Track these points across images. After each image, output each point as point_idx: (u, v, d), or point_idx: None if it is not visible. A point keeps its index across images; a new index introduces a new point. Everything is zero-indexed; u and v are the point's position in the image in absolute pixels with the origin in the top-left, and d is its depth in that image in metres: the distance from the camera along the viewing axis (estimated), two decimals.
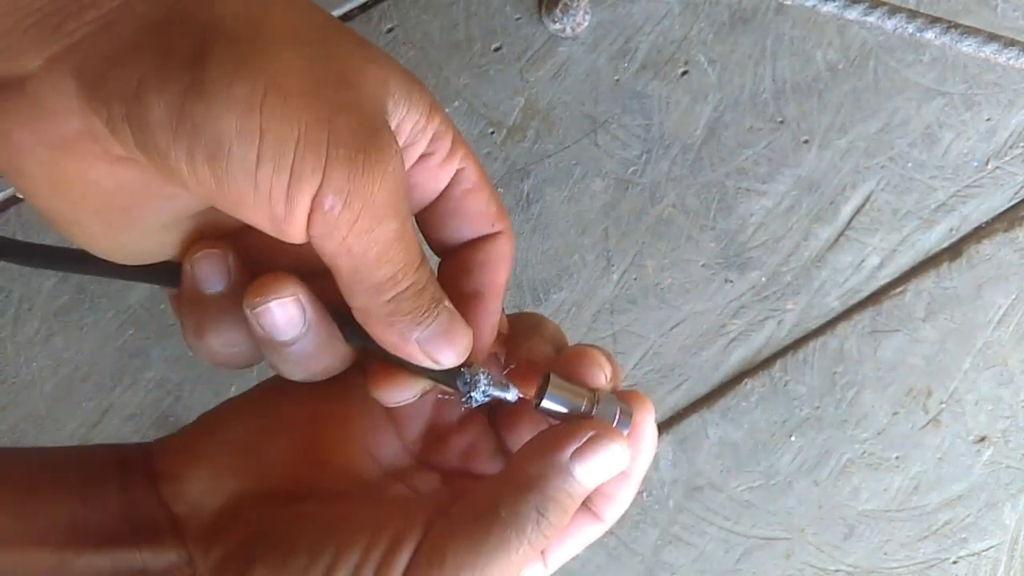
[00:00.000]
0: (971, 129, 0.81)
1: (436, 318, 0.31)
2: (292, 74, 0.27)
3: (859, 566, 0.79)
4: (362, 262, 0.29)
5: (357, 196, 0.27)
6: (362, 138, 0.27)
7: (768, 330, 0.79)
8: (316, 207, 0.27)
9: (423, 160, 0.32)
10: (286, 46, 0.27)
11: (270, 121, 0.26)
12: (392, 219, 0.28)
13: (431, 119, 0.31)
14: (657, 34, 0.81)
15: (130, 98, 0.26)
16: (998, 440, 0.80)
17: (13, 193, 0.76)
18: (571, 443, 0.31)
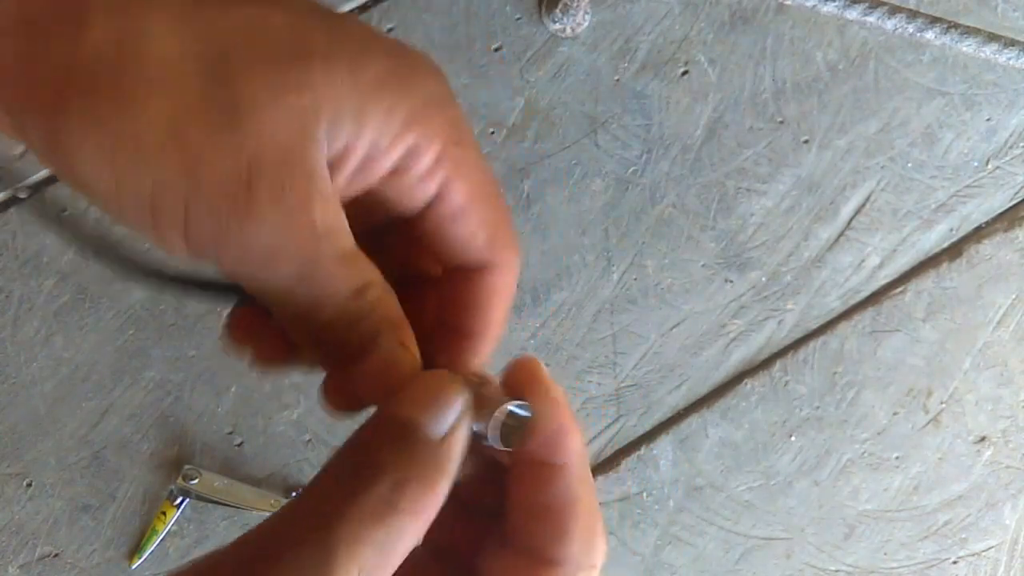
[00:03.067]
0: (971, 129, 0.81)
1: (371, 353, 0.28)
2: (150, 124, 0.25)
3: (859, 566, 0.79)
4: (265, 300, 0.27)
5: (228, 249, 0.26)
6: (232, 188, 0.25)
7: (768, 330, 0.79)
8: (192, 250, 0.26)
9: (395, 174, 0.29)
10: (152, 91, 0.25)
11: (123, 175, 0.25)
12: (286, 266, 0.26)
13: (408, 129, 0.28)
14: (657, 34, 0.81)
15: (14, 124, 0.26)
16: (998, 440, 0.80)
17: (13, 193, 0.76)
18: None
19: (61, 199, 0.76)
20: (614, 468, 0.78)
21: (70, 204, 0.76)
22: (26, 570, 0.75)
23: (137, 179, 0.25)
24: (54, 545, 0.75)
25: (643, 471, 0.78)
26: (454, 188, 0.29)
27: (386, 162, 0.28)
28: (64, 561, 0.75)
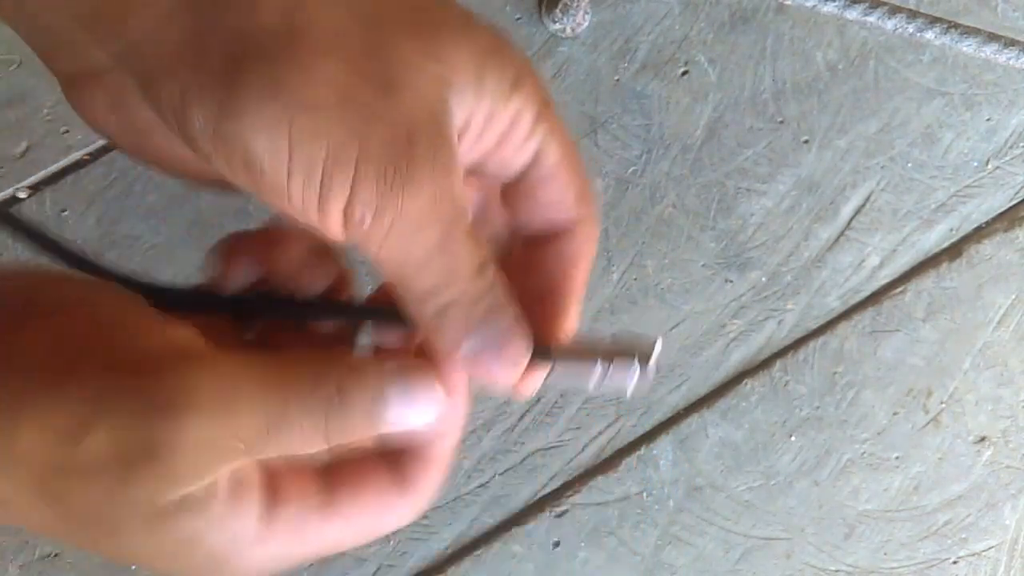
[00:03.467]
0: (971, 129, 0.81)
1: (488, 330, 0.30)
2: (326, 87, 0.27)
3: (859, 566, 0.79)
4: (403, 271, 0.28)
5: (386, 210, 0.27)
6: (396, 151, 0.27)
7: (768, 330, 0.79)
8: (348, 218, 0.27)
9: (501, 143, 0.31)
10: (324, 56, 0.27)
11: (299, 140, 0.26)
12: (430, 229, 0.28)
13: (511, 99, 0.30)
14: (657, 34, 0.81)
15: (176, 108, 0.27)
16: (998, 440, 0.80)
17: (13, 193, 0.76)
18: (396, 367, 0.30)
19: (60, 199, 0.76)
20: (614, 468, 0.78)
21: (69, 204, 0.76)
22: (26, 570, 0.75)
23: (314, 142, 0.26)
24: (54, 545, 0.75)
25: (643, 471, 0.78)
26: (549, 149, 0.31)
27: (496, 131, 0.30)
28: (64, 561, 0.75)
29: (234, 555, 0.28)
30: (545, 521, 0.77)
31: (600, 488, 0.78)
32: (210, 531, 0.27)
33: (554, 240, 0.32)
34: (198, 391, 0.27)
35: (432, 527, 0.77)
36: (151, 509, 0.26)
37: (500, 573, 0.77)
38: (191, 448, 0.26)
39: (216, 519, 0.27)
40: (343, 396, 0.29)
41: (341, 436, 0.29)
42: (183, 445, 0.26)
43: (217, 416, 0.27)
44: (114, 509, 0.26)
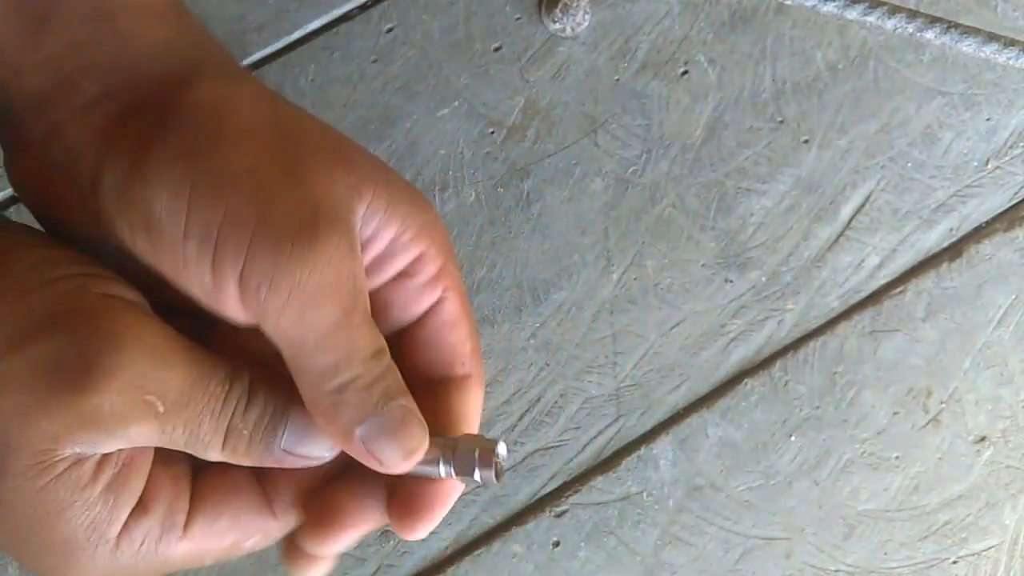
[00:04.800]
0: (971, 129, 0.81)
1: (385, 414, 0.29)
2: (233, 162, 0.27)
3: (859, 566, 0.79)
4: (300, 349, 0.28)
5: (283, 281, 0.27)
6: (295, 223, 0.27)
7: (768, 330, 0.80)
8: (244, 289, 0.27)
9: (402, 278, 0.32)
10: (240, 136, 0.28)
11: (198, 202, 0.27)
12: (330, 307, 0.28)
13: (419, 238, 0.31)
14: (657, 34, 0.81)
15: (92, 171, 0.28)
16: (998, 440, 0.80)
17: (12, 193, 0.76)
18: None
19: None
20: (614, 468, 0.78)
21: None
22: (26, 570, 0.75)
23: (212, 205, 0.27)
24: None
25: (643, 471, 0.78)
26: (452, 298, 0.32)
27: (399, 262, 0.31)
28: None
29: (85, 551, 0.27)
30: (545, 521, 0.77)
31: (600, 488, 0.78)
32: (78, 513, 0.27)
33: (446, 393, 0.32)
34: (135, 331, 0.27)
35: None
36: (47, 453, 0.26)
37: (500, 573, 0.77)
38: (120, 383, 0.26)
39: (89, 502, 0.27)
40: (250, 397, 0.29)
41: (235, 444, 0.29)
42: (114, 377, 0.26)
43: (149, 359, 0.27)
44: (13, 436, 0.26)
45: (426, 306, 0.32)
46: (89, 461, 0.27)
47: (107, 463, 0.27)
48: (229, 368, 0.29)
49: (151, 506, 0.28)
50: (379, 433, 0.29)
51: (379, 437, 0.29)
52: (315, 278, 0.27)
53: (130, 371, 0.26)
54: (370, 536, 0.77)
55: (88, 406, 0.26)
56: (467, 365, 0.32)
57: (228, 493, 0.30)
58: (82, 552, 0.27)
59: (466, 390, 0.32)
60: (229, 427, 0.28)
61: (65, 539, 0.27)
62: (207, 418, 0.28)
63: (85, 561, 0.27)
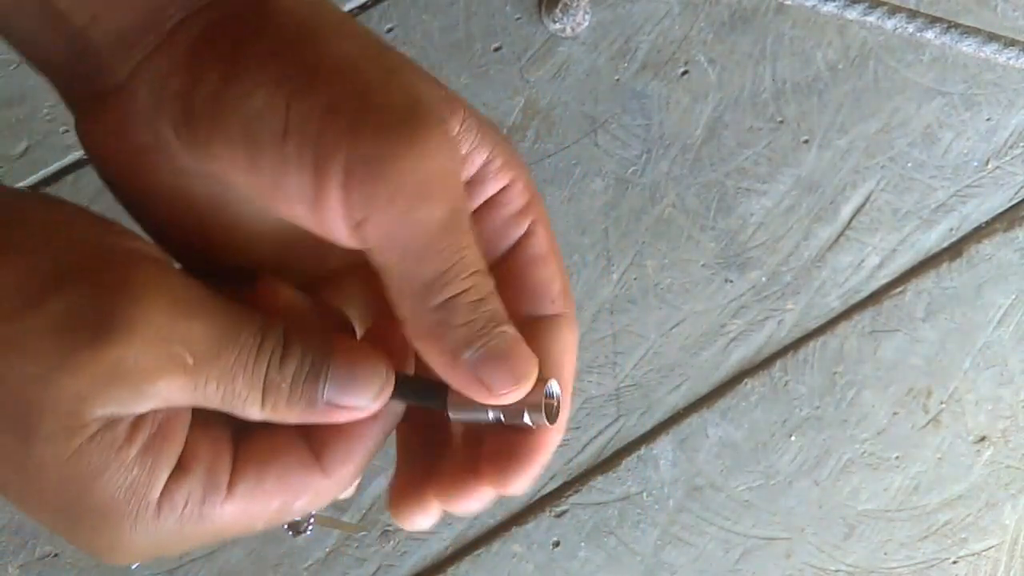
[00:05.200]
0: (971, 129, 0.81)
1: (495, 337, 0.27)
2: (331, 55, 0.26)
3: (859, 566, 0.79)
4: (406, 253, 0.26)
5: (389, 169, 0.25)
6: (399, 110, 0.25)
7: (768, 330, 0.80)
8: (348, 182, 0.25)
9: (491, 206, 0.30)
10: (336, 30, 0.27)
11: (298, 94, 0.25)
12: (438, 203, 0.26)
13: (508, 167, 0.29)
14: (657, 34, 0.81)
15: (183, 92, 0.26)
16: (998, 440, 0.80)
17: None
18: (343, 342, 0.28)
19: None
20: (614, 468, 0.78)
21: None
22: (26, 570, 0.75)
23: (311, 97, 0.25)
24: (54, 545, 0.75)
25: (643, 471, 0.78)
26: (540, 232, 0.30)
27: (490, 187, 0.29)
28: (64, 561, 0.75)
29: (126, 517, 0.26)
30: (545, 521, 0.77)
31: (600, 488, 0.78)
32: (116, 476, 0.25)
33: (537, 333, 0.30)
34: (157, 283, 0.25)
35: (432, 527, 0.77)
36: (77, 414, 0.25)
37: (500, 573, 0.77)
38: (143, 336, 0.24)
39: (126, 464, 0.25)
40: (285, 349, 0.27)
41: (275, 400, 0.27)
42: (136, 330, 0.24)
43: (173, 311, 0.25)
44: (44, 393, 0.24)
45: (515, 238, 0.30)
46: (123, 423, 0.25)
47: (142, 424, 0.26)
48: (261, 319, 0.27)
49: (191, 467, 0.27)
50: (490, 357, 0.27)
51: (490, 362, 0.27)
52: (421, 168, 0.25)
53: (154, 322, 0.25)
54: (370, 536, 0.77)
55: (112, 360, 0.24)
56: (558, 303, 0.30)
57: (274, 452, 0.28)
58: (123, 519, 0.26)
59: (558, 329, 0.30)
60: (266, 381, 0.27)
61: (104, 505, 0.25)
62: (240, 372, 0.26)
63: (128, 528, 0.26)
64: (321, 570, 0.76)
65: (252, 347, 0.26)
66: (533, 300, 0.30)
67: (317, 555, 0.76)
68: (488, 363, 0.27)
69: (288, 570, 0.76)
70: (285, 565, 0.76)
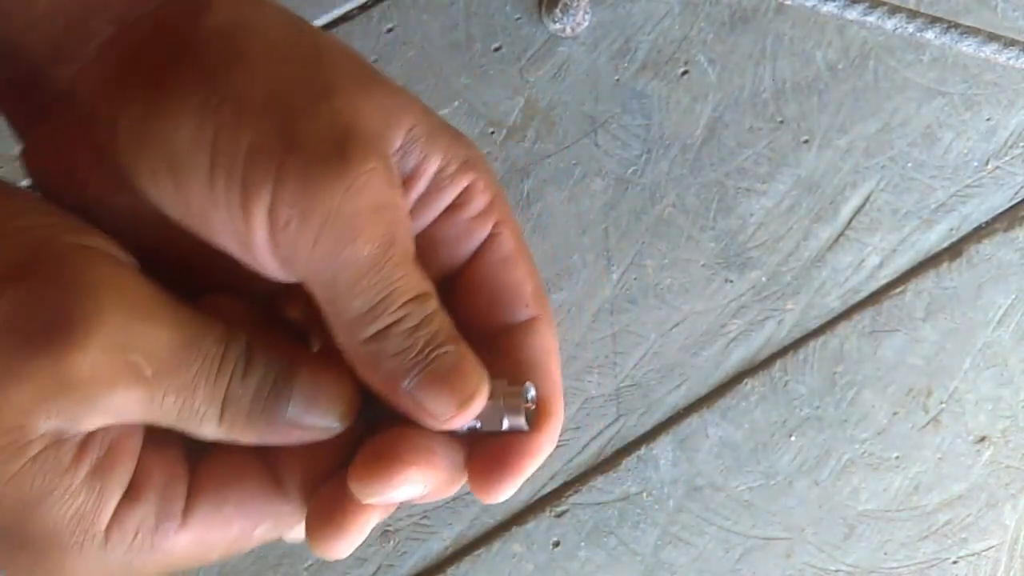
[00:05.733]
0: (971, 129, 0.81)
1: (434, 362, 0.26)
2: (259, 84, 0.25)
3: (859, 566, 0.79)
4: (333, 291, 0.25)
5: (315, 210, 0.24)
6: (327, 147, 0.25)
7: (768, 330, 0.79)
8: (273, 222, 0.24)
9: (451, 212, 0.29)
10: (262, 60, 0.26)
11: (223, 129, 0.24)
12: (365, 240, 0.25)
13: (464, 170, 0.28)
14: (657, 34, 0.81)
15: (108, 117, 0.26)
16: (998, 440, 0.80)
17: None
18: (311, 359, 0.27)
19: None
20: (614, 468, 0.78)
21: None
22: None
23: (238, 132, 0.24)
24: None
25: (643, 471, 0.78)
26: (505, 234, 0.29)
27: (447, 195, 0.28)
28: None
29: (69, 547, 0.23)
30: (545, 521, 0.77)
31: (600, 488, 0.78)
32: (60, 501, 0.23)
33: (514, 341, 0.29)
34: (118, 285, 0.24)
35: (432, 527, 0.77)
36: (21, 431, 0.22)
37: (500, 573, 0.77)
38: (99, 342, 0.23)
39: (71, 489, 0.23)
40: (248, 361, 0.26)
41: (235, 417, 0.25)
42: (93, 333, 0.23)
43: (133, 315, 0.23)
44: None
45: (478, 242, 0.29)
46: (69, 442, 0.23)
47: (90, 444, 0.24)
48: (224, 329, 0.26)
49: (143, 492, 0.25)
50: (429, 383, 0.26)
51: (429, 387, 0.26)
52: (349, 205, 0.24)
53: (111, 326, 0.23)
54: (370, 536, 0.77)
55: (65, 367, 0.22)
56: (532, 306, 0.29)
57: (231, 476, 0.26)
58: (67, 549, 0.24)
59: (535, 333, 0.29)
60: (227, 395, 0.25)
61: (45, 534, 0.23)
62: (201, 384, 0.25)
63: (71, 559, 0.24)
64: (321, 570, 0.76)
65: (215, 358, 0.25)
66: (505, 306, 0.29)
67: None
68: (427, 390, 0.26)
69: (288, 570, 0.76)
70: (285, 565, 0.76)
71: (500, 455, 0.27)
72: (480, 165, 0.29)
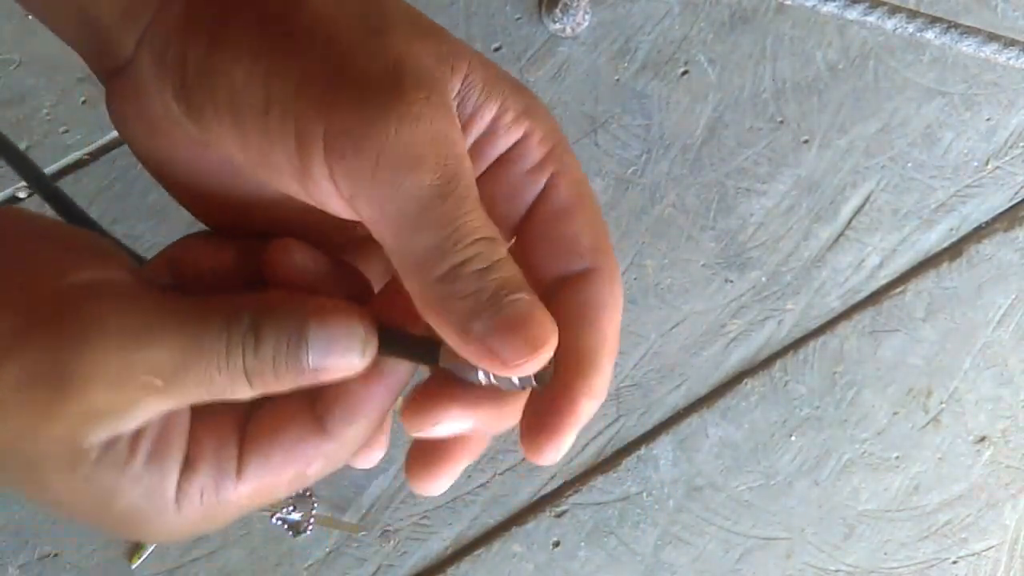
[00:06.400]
0: (971, 129, 0.81)
1: (505, 307, 0.25)
2: (313, 22, 0.25)
3: (859, 566, 0.79)
4: (400, 225, 0.25)
5: (369, 140, 0.24)
6: (377, 79, 0.24)
7: (768, 330, 0.79)
8: (329, 157, 0.24)
9: (506, 162, 0.28)
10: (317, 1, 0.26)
11: (276, 67, 0.25)
12: (427, 171, 0.24)
13: (522, 119, 0.28)
14: (657, 34, 0.81)
15: (176, 68, 0.26)
16: (998, 440, 0.80)
17: (13, 193, 0.76)
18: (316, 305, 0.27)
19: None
20: (614, 468, 0.78)
21: None
22: (26, 570, 0.75)
23: (288, 67, 0.25)
24: (54, 545, 0.75)
25: (643, 471, 0.78)
26: (562, 185, 0.28)
27: (501, 143, 0.28)
28: (64, 561, 0.75)
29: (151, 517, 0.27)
30: (545, 521, 0.77)
31: (600, 488, 0.78)
32: (129, 488, 0.26)
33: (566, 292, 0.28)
34: (108, 322, 0.25)
35: (432, 527, 0.77)
36: (73, 448, 0.25)
37: (500, 573, 0.77)
38: (104, 379, 0.25)
39: (135, 477, 0.26)
40: (257, 334, 0.26)
41: (263, 380, 0.27)
42: (95, 375, 0.25)
43: (127, 346, 0.25)
44: (35, 445, 0.25)
45: (533, 195, 0.28)
46: (122, 440, 0.26)
47: (141, 435, 0.26)
48: (225, 313, 0.26)
49: (198, 461, 0.27)
50: (502, 328, 0.25)
51: (502, 332, 0.25)
52: (404, 136, 0.24)
53: (111, 363, 0.25)
54: (370, 536, 0.77)
55: (80, 409, 0.25)
56: (587, 257, 0.28)
57: (277, 426, 0.28)
58: (149, 519, 0.27)
59: (588, 285, 0.28)
60: (246, 369, 0.26)
61: (127, 514, 0.27)
62: (216, 373, 0.26)
63: (156, 526, 0.27)
64: (321, 570, 0.76)
65: (219, 350, 0.26)
66: (561, 257, 0.28)
67: (317, 555, 0.76)
68: (499, 334, 0.25)
69: (288, 570, 0.76)
70: (285, 565, 0.76)
71: (542, 415, 0.27)
72: (539, 114, 0.28)
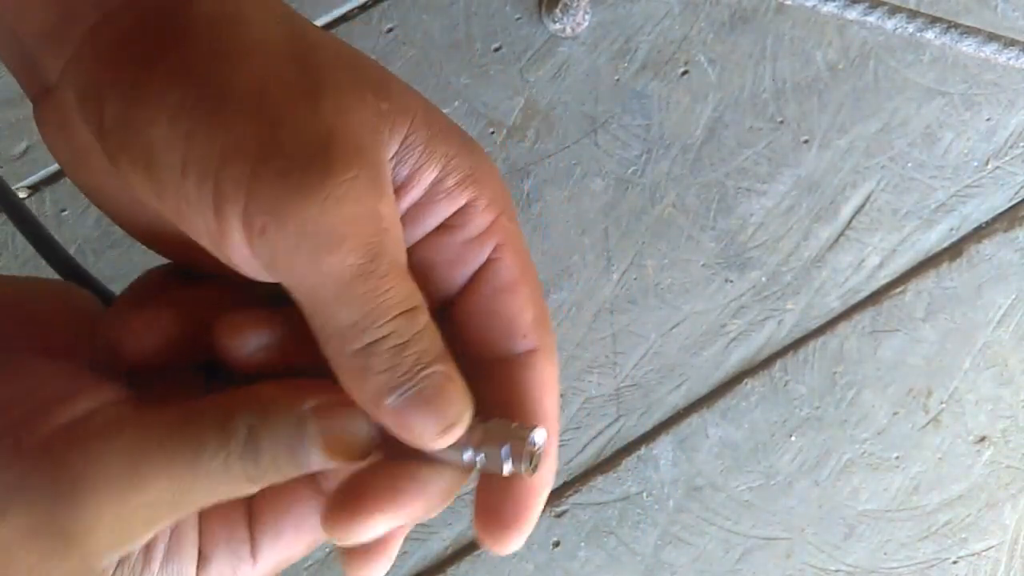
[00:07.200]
0: (971, 129, 0.81)
1: (420, 381, 0.25)
2: (241, 82, 0.24)
3: (859, 566, 0.79)
4: (317, 302, 0.24)
5: (290, 219, 0.23)
6: (307, 153, 0.23)
7: (768, 330, 0.80)
8: (248, 228, 0.24)
9: (445, 232, 0.27)
10: (247, 56, 0.25)
11: (198, 128, 0.24)
12: (348, 251, 0.24)
13: (466, 184, 0.27)
14: (657, 34, 0.81)
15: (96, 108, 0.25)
16: (998, 440, 0.80)
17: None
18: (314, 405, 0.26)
19: (60, 199, 0.76)
20: (614, 468, 0.78)
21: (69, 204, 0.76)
22: None
23: (211, 132, 0.23)
24: None
25: (643, 471, 0.78)
26: (507, 258, 0.28)
27: (443, 209, 0.27)
28: None
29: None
30: (545, 521, 0.77)
31: (600, 488, 0.78)
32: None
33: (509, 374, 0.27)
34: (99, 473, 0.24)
35: (432, 527, 0.77)
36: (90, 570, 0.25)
37: (500, 573, 0.77)
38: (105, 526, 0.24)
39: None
40: (257, 445, 0.25)
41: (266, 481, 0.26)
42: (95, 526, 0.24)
43: (124, 492, 0.24)
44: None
45: (475, 267, 0.27)
46: (133, 555, 0.25)
47: (153, 545, 0.26)
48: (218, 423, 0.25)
49: (212, 554, 0.27)
50: (413, 403, 0.25)
51: (412, 408, 0.25)
52: (328, 216, 0.23)
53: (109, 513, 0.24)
54: None
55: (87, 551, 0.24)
56: (529, 337, 0.27)
57: (283, 505, 0.28)
58: None
59: (531, 367, 0.27)
60: (248, 477, 0.25)
61: None
62: (217, 487, 0.25)
63: None
64: (321, 570, 0.76)
65: (218, 468, 0.25)
66: (502, 336, 0.28)
67: (317, 555, 0.76)
68: (411, 410, 0.25)
69: (288, 570, 0.76)
70: None
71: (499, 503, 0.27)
72: (485, 179, 0.27)
